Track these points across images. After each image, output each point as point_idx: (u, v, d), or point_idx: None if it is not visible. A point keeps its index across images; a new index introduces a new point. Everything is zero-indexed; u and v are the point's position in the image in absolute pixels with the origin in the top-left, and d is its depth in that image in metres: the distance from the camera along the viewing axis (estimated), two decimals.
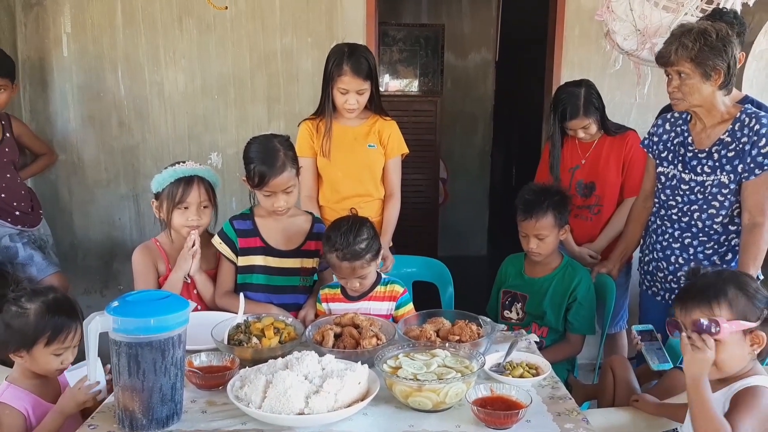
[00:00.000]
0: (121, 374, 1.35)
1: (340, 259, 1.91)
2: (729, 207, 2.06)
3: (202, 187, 2.10)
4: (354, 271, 1.93)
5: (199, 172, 2.11)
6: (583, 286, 2.20)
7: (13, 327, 1.58)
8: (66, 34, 3.19)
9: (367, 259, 1.93)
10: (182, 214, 2.08)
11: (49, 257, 2.93)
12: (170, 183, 2.08)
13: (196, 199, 2.08)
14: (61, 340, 1.60)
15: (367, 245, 1.92)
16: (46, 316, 1.59)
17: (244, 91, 3.27)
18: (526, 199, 2.22)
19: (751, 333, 1.45)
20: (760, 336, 1.44)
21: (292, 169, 2.03)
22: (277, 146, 2.03)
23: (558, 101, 2.52)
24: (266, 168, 1.99)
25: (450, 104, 5.45)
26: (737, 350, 1.45)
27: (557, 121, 2.53)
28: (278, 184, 2.01)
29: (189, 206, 2.08)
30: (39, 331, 1.58)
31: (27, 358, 1.60)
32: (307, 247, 2.16)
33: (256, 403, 1.40)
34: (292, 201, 2.10)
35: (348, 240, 1.90)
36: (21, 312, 1.59)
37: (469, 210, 5.68)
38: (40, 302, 1.60)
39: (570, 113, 2.47)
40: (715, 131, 2.07)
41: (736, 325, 1.43)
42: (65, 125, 3.27)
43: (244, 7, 3.19)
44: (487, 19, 5.46)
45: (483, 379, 1.59)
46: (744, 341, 1.45)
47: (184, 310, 1.40)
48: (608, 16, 2.50)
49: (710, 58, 1.94)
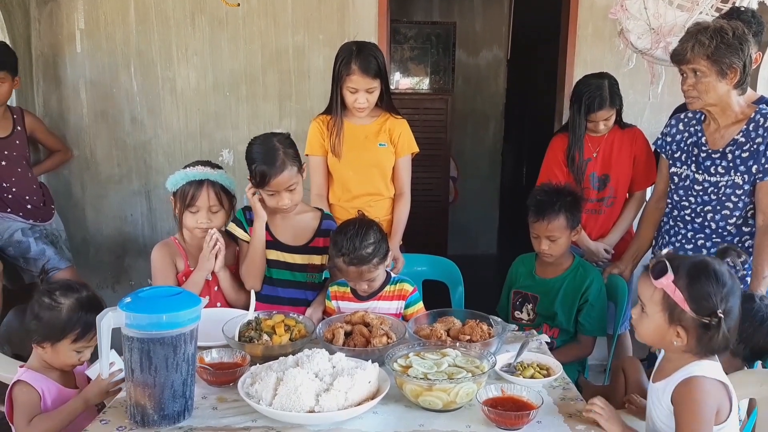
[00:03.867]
0: (134, 370, 1.36)
1: (347, 264, 1.90)
2: (743, 208, 2.04)
3: (212, 191, 2.09)
4: (361, 275, 1.92)
5: (209, 176, 2.10)
6: (595, 288, 2.19)
7: (44, 319, 1.61)
8: (79, 31, 3.21)
9: (374, 263, 1.92)
10: (193, 216, 2.09)
11: (61, 252, 2.95)
12: (183, 184, 2.09)
13: (206, 202, 2.08)
14: (88, 338, 1.62)
15: (374, 249, 1.91)
16: (79, 312, 1.61)
17: (255, 88, 3.28)
18: (538, 200, 2.21)
19: (678, 326, 1.35)
20: (682, 335, 1.35)
21: (293, 167, 2.03)
22: (277, 145, 2.02)
23: (582, 93, 2.51)
24: (266, 167, 1.99)
25: (461, 102, 5.43)
26: (656, 331, 1.37)
27: (582, 113, 2.51)
28: (280, 182, 2.01)
29: (199, 209, 2.08)
30: (70, 327, 1.60)
31: (49, 350, 1.62)
32: (315, 243, 2.16)
33: (266, 400, 1.40)
34: (297, 198, 2.09)
35: (354, 245, 1.88)
36: (54, 306, 1.61)
37: (479, 209, 5.66)
38: (74, 299, 1.63)
39: (598, 104, 2.47)
40: (729, 131, 2.05)
41: (671, 288, 1.33)
42: (78, 121, 3.29)
43: (256, 4, 3.19)
44: (499, 17, 5.44)
45: (494, 379, 1.58)
46: (667, 328, 1.36)
47: (195, 306, 1.40)
48: (622, 15, 2.48)
49: (726, 56, 1.92)
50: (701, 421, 1.32)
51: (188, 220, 2.10)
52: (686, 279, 1.34)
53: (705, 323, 1.32)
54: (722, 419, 1.36)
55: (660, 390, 1.41)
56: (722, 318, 1.31)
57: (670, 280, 1.34)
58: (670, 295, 1.34)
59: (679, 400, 1.35)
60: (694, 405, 1.32)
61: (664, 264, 1.35)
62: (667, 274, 1.34)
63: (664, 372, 1.42)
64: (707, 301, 1.32)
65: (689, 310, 1.33)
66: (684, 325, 1.34)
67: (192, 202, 2.08)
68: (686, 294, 1.33)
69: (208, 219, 2.09)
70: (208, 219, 2.09)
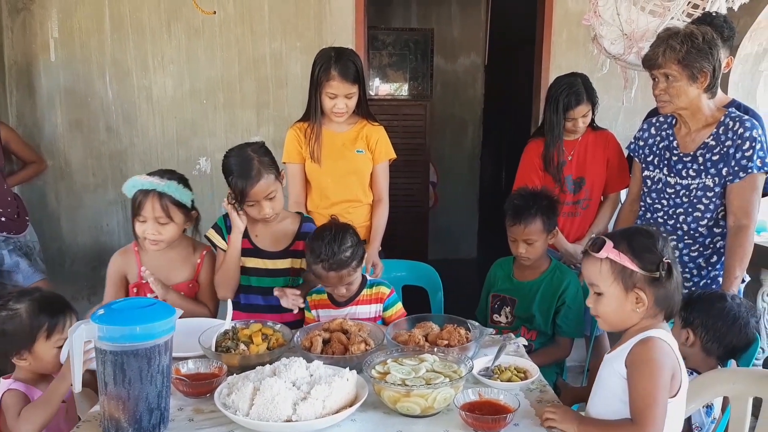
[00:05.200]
0: (107, 383, 1.34)
1: (326, 270, 1.90)
2: (714, 210, 2.08)
3: (158, 203, 2.01)
4: (341, 279, 1.92)
5: (157, 186, 2.02)
6: (572, 290, 2.21)
7: (8, 331, 1.60)
8: (53, 39, 3.18)
9: (353, 266, 1.92)
10: (141, 226, 2.05)
11: (35, 264, 2.91)
12: (135, 192, 2.05)
13: (151, 213, 2.02)
14: (60, 329, 1.63)
15: (352, 253, 1.92)
16: (38, 310, 1.62)
17: (233, 95, 3.27)
18: (514, 205, 2.23)
19: (634, 290, 1.37)
20: (641, 297, 1.37)
21: (269, 175, 2.02)
22: (251, 155, 2.01)
23: (557, 93, 2.54)
24: (243, 179, 1.98)
25: (440, 108, 5.46)
26: (616, 305, 1.39)
27: (560, 111, 2.54)
28: (258, 192, 2.00)
29: (146, 219, 2.03)
30: (36, 327, 1.61)
31: (30, 358, 1.62)
32: (295, 247, 2.15)
33: (243, 410, 1.39)
34: (278, 207, 2.08)
35: (333, 249, 1.88)
36: (12, 314, 1.61)
37: (459, 213, 5.69)
38: (28, 301, 1.63)
39: (575, 101, 2.52)
40: (699, 135, 2.09)
41: (614, 253, 1.37)
42: (53, 130, 3.25)
43: (233, 12, 3.19)
44: (476, 24, 5.49)
45: (471, 383, 1.58)
46: (625, 297, 1.38)
47: (170, 317, 1.39)
48: (595, 21, 2.52)
49: (697, 61, 1.95)
50: (657, 384, 1.31)
51: (137, 229, 2.06)
52: (625, 242, 1.39)
53: (656, 277, 1.35)
54: (674, 391, 1.36)
55: (613, 358, 1.41)
56: (669, 263, 1.35)
57: (610, 247, 1.38)
58: (616, 260, 1.37)
59: (634, 360, 1.34)
60: (651, 364, 1.32)
61: (602, 238, 1.41)
62: (606, 244, 1.38)
63: (620, 343, 1.43)
64: (650, 252, 1.37)
65: (637, 268, 1.36)
66: (639, 286, 1.37)
67: (139, 211, 2.03)
68: (630, 254, 1.37)
69: (156, 230, 2.04)
70: (156, 230, 2.04)
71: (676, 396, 1.37)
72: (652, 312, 1.38)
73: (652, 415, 1.30)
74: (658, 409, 1.30)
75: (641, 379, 1.32)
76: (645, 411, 1.30)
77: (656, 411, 1.30)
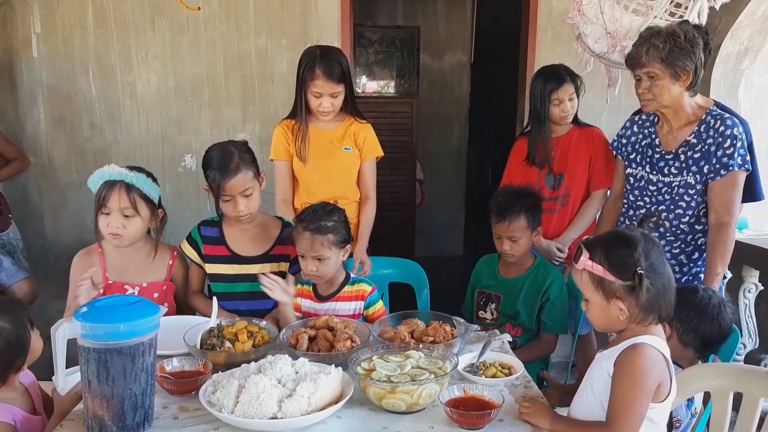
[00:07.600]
0: (90, 381, 1.33)
1: (303, 229, 1.93)
2: (696, 207, 2.10)
3: (125, 194, 1.94)
4: (312, 246, 1.93)
5: (125, 177, 1.95)
6: (556, 286, 2.23)
7: None
8: (36, 35, 3.14)
9: (329, 239, 1.93)
10: (104, 219, 1.97)
11: (18, 262, 2.87)
12: (100, 185, 1.98)
13: (117, 204, 1.94)
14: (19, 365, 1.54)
15: (334, 226, 1.95)
16: None
17: (218, 92, 3.25)
18: (499, 202, 2.24)
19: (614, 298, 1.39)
20: (621, 305, 1.39)
21: (248, 171, 2.02)
22: (232, 149, 2.02)
23: (541, 79, 2.57)
24: (220, 171, 1.98)
25: (426, 106, 5.48)
26: (600, 311, 1.42)
27: (546, 95, 2.55)
28: (235, 185, 1.99)
29: (111, 211, 1.95)
30: None
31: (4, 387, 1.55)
32: (275, 251, 2.15)
33: (228, 408, 1.38)
34: (253, 206, 2.07)
35: (318, 214, 1.95)
36: None
37: (445, 211, 5.71)
38: None
39: (558, 80, 2.54)
40: (681, 133, 2.11)
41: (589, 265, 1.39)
42: (35, 127, 3.21)
43: (218, 8, 3.17)
44: (462, 22, 5.51)
45: (456, 379, 1.60)
46: (608, 305, 1.41)
47: (154, 315, 1.38)
48: (579, 20, 2.53)
49: (680, 59, 1.98)
50: (640, 391, 1.33)
51: (101, 223, 1.97)
52: (602, 252, 1.41)
53: (631, 286, 1.37)
54: (661, 398, 1.38)
55: (604, 357, 1.43)
56: (642, 274, 1.36)
57: (586, 258, 1.41)
58: (592, 271, 1.40)
59: (622, 361, 1.36)
60: (636, 371, 1.34)
61: (580, 247, 1.43)
62: (582, 254, 1.41)
63: (613, 344, 1.45)
64: (624, 263, 1.38)
65: (613, 278, 1.39)
66: (618, 296, 1.39)
67: (104, 203, 1.95)
68: (605, 265, 1.39)
69: (121, 223, 1.96)
70: (121, 223, 1.96)
71: (663, 402, 1.39)
72: (639, 317, 1.40)
73: (627, 419, 1.32)
74: (634, 415, 1.33)
75: (623, 383, 1.34)
76: (619, 415, 1.33)
77: (631, 416, 1.32)
